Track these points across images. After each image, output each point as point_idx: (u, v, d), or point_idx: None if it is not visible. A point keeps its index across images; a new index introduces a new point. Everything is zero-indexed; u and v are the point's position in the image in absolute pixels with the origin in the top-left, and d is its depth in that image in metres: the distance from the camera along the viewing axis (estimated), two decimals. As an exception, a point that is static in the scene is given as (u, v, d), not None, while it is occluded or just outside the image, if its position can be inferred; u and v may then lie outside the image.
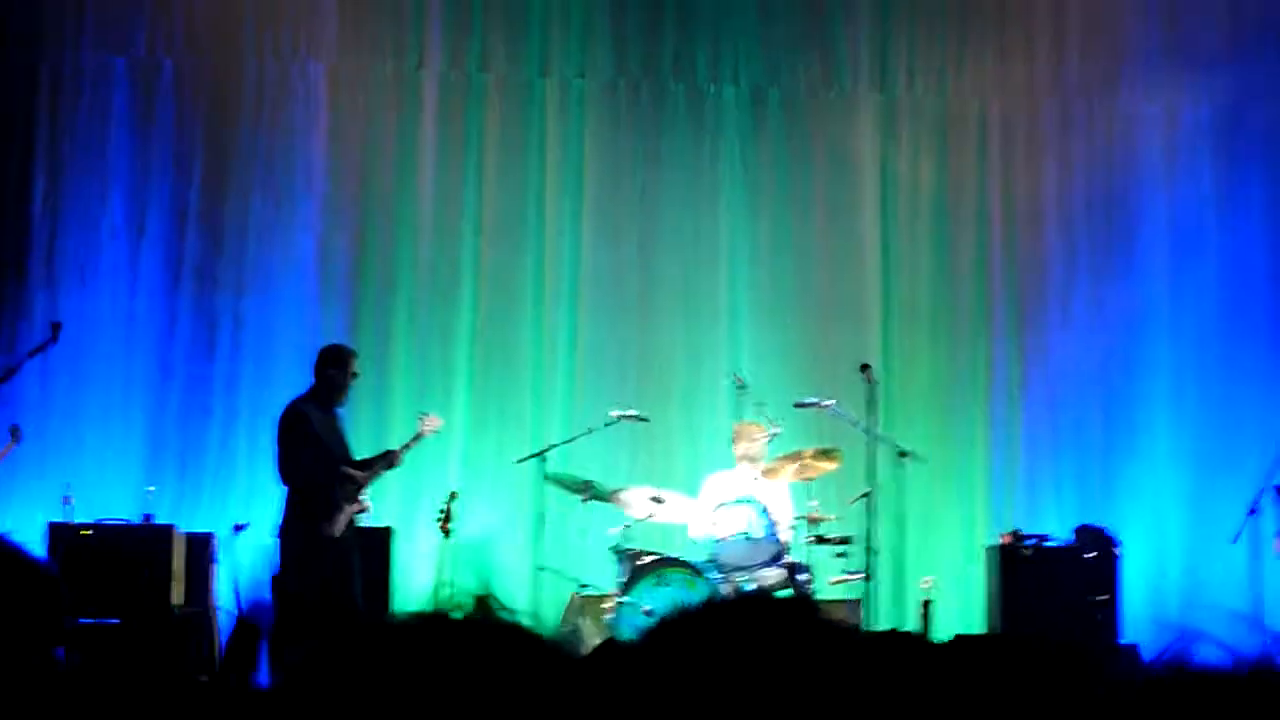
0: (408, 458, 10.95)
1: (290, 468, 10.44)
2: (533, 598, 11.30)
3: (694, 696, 1.55)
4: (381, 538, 11.53)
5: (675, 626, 1.67)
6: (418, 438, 10.94)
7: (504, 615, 1.51)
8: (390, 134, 13.28)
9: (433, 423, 11.03)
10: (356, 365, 10.79)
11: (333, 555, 10.31)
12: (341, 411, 10.80)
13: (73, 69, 12.94)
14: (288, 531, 10.40)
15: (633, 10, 13.45)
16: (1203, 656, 1.87)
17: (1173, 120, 13.73)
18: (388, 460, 10.79)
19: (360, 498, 10.57)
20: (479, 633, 1.47)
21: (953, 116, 13.69)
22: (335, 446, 10.56)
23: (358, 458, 10.75)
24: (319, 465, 10.40)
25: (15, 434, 11.03)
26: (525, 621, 1.51)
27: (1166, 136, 13.70)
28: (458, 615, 1.50)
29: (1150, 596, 12.63)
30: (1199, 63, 13.64)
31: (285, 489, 10.44)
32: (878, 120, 13.62)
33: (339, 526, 10.37)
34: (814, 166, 13.53)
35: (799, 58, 13.56)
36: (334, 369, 10.67)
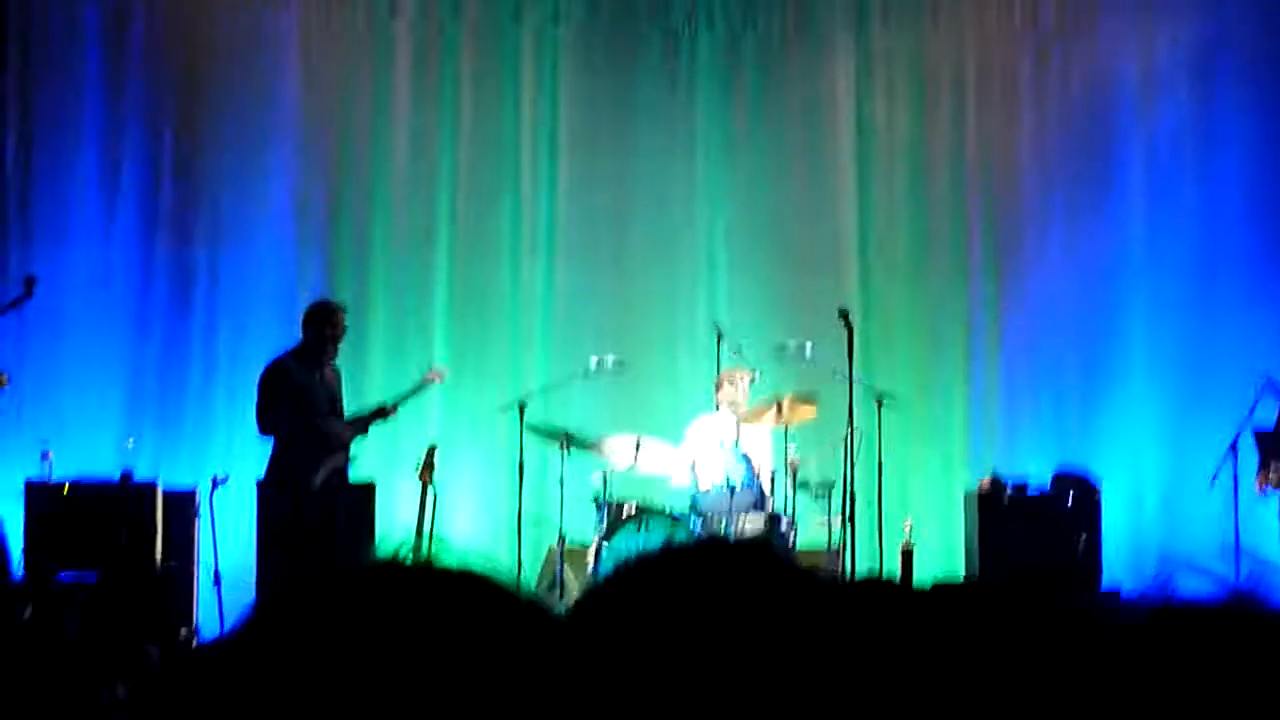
0: (402, 409, 10.98)
1: (264, 421, 10.56)
2: (513, 547, 11.30)
3: (646, 647, 1.54)
4: (364, 491, 11.51)
5: (632, 572, 1.65)
6: (419, 388, 10.98)
7: (461, 563, 1.49)
8: (364, 83, 13.22)
9: (439, 374, 11.10)
10: (343, 320, 10.78)
11: (312, 508, 10.33)
12: (334, 366, 10.80)
13: (42, 19, 12.85)
14: (267, 484, 10.45)
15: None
16: (1185, 589, 1.86)
17: (1148, 63, 13.68)
18: (381, 413, 10.82)
19: (342, 450, 10.59)
20: (435, 580, 1.45)
21: (929, 61, 13.65)
22: (319, 401, 10.56)
23: (349, 409, 10.80)
24: (294, 419, 10.44)
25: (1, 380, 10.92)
26: (481, 569, 1.49)
27: (1142, 79, 13.66)
28: (414, 563, 1.48)
29: (1130, 539, 12.65)
30: (1174, 5, 13.61)
31: (271, 443, 10.54)
32: (853, 65, 13.57)
33: (317, 480, 10.39)
34: (790, 112, 13.50)
35: (774, 2, 13.50)
36: (317, 325, 10.68)
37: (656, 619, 1.57)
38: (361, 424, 10.78)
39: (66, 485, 11.15)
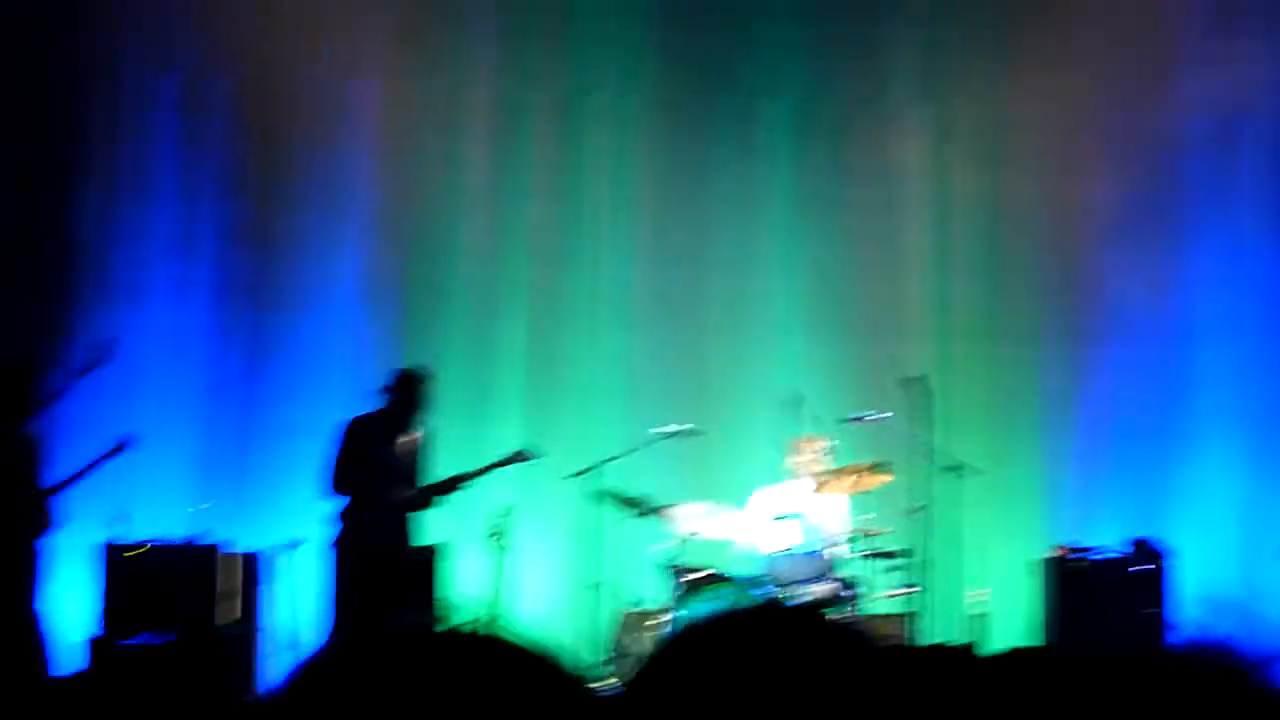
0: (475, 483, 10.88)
1: (334, 479, 10.54)
2: (586, 614, 11.29)
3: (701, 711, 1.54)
4: (436, 553, 11.52)
5: (689, 638, 1.66)
6: (499, 465, 10.84)
7: (509, 634, 1.50)
8: (440, 151, 13.30)
9: (527, 455, 10.97)
10: (430, 389, 10.72)
11: (382, 570, 10.32)
12: (425, 429, 10.75)
13: (123, 86, 13.00)
14: (336, 546, 10.45)
15: (680, 25, 13.45)
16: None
17: (1226, 128, 13.63)
18: (453, 486, 10.72)
19: (410, 515, 10.57)
20: (477, 648, 1.46)
21: (1003, 128, 13.63)
22: (392, 468, 10.51)
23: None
24: (362, 482, 10.41)
25: (120, 446, 10.94)
26: (531, 641, 1.50)
27: (1220, 144, 13.61)
28: (460, 631, 1.49)
29: (1204, 609, 12.52)
30: (1253, 71, 13.56)
31: (339, 502, 10.53)
32: (927, 132, 13.58)
33: (381, 543, 10.35)
34: (863, 178, 13.50)
35: (847, 70, 13.53)
36: (404, 393, 10.65)
37: (713, 686, 1.57)
38: (432, 494, 10.70)
39: (144, 547, 11.22)
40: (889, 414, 11.51)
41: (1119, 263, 13.51)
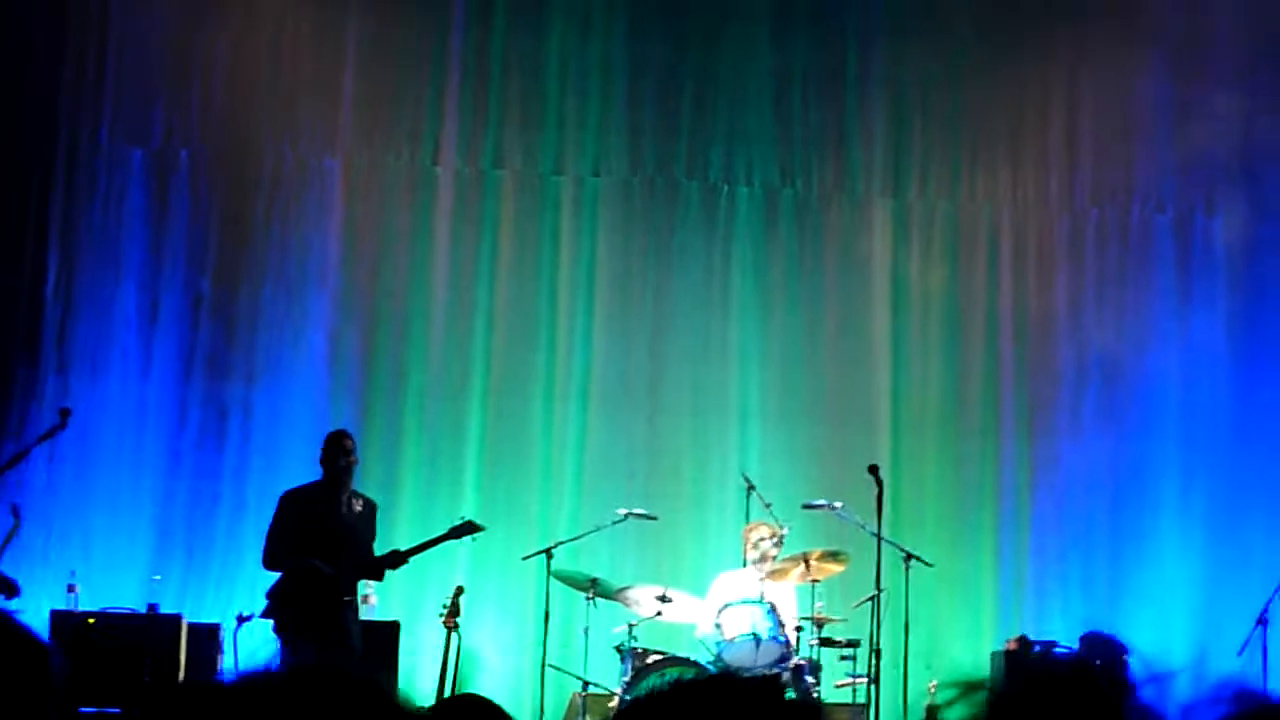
0: (422, 555, 10.73)
1: (265, 554, 10.47)
2: (537, 695, 11.24)
3: None
4: (388, 632, 11.47)
5: (643, 706, 1.67)
6: (445, 538, 10.65)
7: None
8: (404, 228, 13.32)
9: (474, 527, 10.75)
10: (350, 447, 10.59)
11: (331, 647, 10.18)
12: (368, 501, 10.64)
13: (89, 158, 13.02)
14: (276, 618, 10.32)
15: (648, 109, 13.53)
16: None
17: (1184, 232, 13.75)
18: (393, 561, 10.54)
19: (349, 590, 10.41)
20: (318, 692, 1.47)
21: (965, 223, 13.73)
22: (327, 537, 10.34)
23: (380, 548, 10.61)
24: (293, 555, 10.29)
25: (15, 513, 10.87)
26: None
27: (1176, 240, 13.73)
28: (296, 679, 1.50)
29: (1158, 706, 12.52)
30: (1211, 176, 13.69)
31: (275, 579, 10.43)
32: (890, 225, 13.65)
33: (317, 619, 10.22)
34: (826, 269, 13.56)
35: (813, 160, 13.62)
36: (326, 456, 10.58)
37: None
38: (373, 567, 10.56)
39: (92, 617, 11.14)
40: (841, 503, 11.52)
41: (1075, 357, 13.57)
